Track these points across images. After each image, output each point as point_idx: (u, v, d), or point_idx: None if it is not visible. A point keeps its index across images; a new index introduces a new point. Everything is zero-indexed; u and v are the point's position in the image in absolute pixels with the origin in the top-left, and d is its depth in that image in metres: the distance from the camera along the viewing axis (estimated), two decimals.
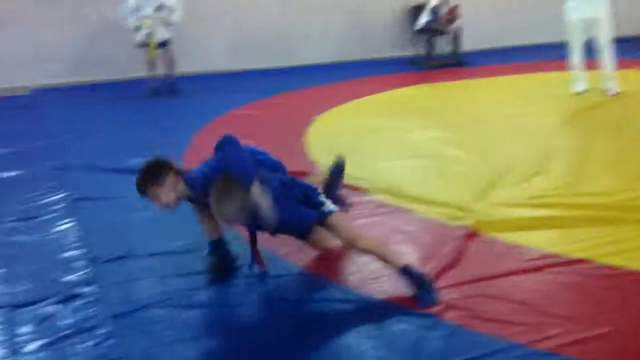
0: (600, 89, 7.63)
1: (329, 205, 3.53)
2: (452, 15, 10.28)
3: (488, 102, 7.69)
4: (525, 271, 3.65)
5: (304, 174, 5.19)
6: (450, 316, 3.19)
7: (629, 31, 10.98)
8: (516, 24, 11.64)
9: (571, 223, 4.28)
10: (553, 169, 5.32)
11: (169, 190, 3.32)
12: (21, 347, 3.00)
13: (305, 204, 3.50)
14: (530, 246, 3.93)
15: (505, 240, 4.05)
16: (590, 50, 7.61)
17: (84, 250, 3.93)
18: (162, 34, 8.39)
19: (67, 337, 3.07)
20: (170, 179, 3.34)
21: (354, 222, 4.30)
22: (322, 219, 3.48)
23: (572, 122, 6.80)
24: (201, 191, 3.31)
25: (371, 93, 8.27)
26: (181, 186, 3.38)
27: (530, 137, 6.23)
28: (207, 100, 8.09)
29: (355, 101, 7.89)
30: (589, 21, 7.45)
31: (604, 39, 7.51)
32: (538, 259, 3.76)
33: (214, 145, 3.46)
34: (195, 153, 5.90)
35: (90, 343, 3.01)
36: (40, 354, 2.95)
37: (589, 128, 6.56)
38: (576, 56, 7.69)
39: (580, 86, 7.72)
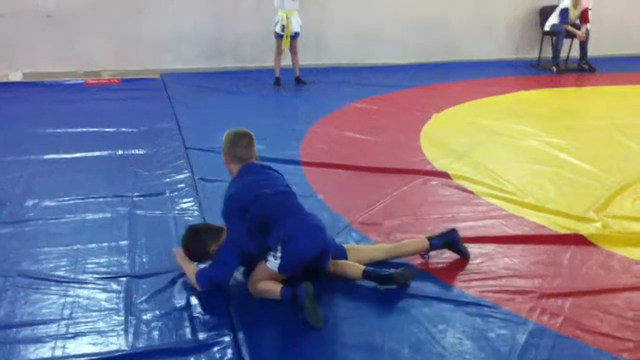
0: None
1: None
2: (583, 18, 9.91)
3: (612, 111, 7.37)
4: (637, 288, 3.54)
5: (416, 172, 5.27)
6: (558, 325, 3.15)
7: None
8: None
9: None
10: None
11: None
12: (138, 316, 3.21)
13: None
14: None
15: (622, 255, 3.93)
16: None
17: None
18: (295, 27, 8.65)
19: (182, 308, 3.27)
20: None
21: (466, 224, 4.32)
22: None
23: None
24: None
25: (492, 94, 8.13)
26: None
27: None
28: (329, 92, 8.20)
29: (475, 101, 7.78)
30: None
31: None
32: None
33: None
34: (310, 143, 6.07)
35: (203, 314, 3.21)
36: (154, 324, 3.15)
37: None
38: None
39: None
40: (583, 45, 9.98)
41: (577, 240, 4.11)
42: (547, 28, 10.15)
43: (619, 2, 10.87)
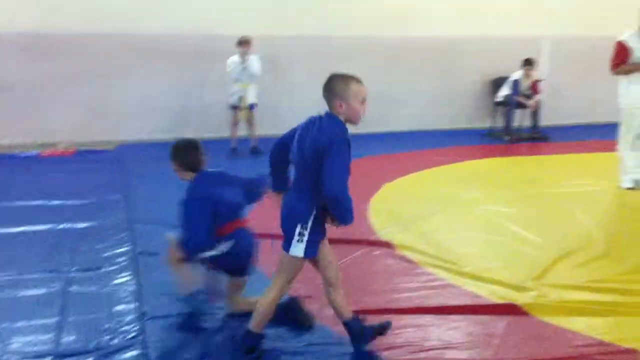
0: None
1: None
2: (534, 89, 10.20)
3: (562, 179, 7.50)
4: (570, 358, 3.53)
5: (360, 242, 5.28)
6: None
7: None
8: (600, 100, 11.40)
9: (629, 310, 4.13)
10: (619, 252, 5.16)
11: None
12: None
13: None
14: (581, 332, 3.81)
15: (556, 324, 3.94)
16: None
17: (136, 305, 4.07)
18: (252, 98, 8.82)
19: None
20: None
21: (404, 294, 4.30)
22: None
23: None
24: None
25: (444, 163, 8.25)
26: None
27: (600, 218, 6.07)
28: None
29: (427, 170, 7.89)
30: None
31: None
32: (586, 345, 3.65)
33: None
34: (258, 214, 6.05)
35: None
36: None
37: None
38: (629, 147, 7.11)
39: (629, 182, 7.11)
40: (534, 115, 10.24)
41: (512, 310, 4.12)
42: (499, 98, 10.42)
43: (573, 74, 11.20)
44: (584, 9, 11.06)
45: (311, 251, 3.36)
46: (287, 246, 3.36)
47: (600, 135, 10.31)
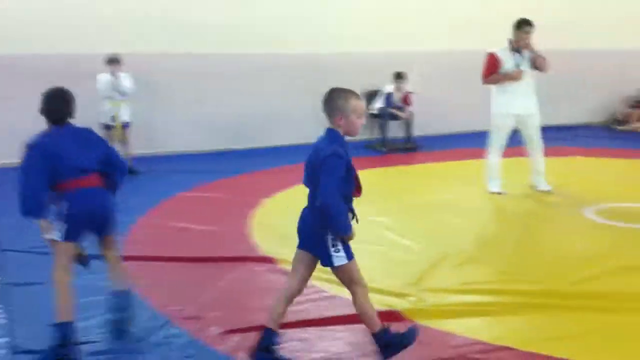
0: (530, 183, 7.58)
1: None
2: (405, 101, 10.56)
3: (435, 187, 7.82)
4: (450, 359, 3.66)
5: (243, 259, 5.25)
6: None
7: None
8: (470, 109, 11.96)
9: (502, 310, 4.33)
10: (490, 255, 5.41)
11: None
12: None
13: None
14: (459, 333, 3.95)
15: (435, 327, 4.07)
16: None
17: (5, 340, 3.85)
18: (125, 116, 8.61)
19: None
20: None
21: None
22: None
23: (513, 209, 6.92)
24: None
25: None
26: None
27: (471, 222, 6.34)
28: (161, 181, 8.10)
29: None
30: (521, 117, 7.29)
31: (537, 135, 7.41)
32: (464, 346, 3.78)
33: None
34: (134, 236, 5.89)
35: None
36: None
37: (528, 216, 6.67)
38: (498, 153, 7.46)
39: (496, 187, 7.47)
40: (407, 126, 10.59)
41: (394, 316, 4.20)
42: (374, 111, 10.70)
43: (441, 86, 11.67)
44: (448, 24, 11.57)
45: (350, 253, 3.52)
46: (329, 262, 3.49)
47: (467, 143, 10.81)
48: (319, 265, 5.02)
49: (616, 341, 3.91)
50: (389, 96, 10.48)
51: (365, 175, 8.41)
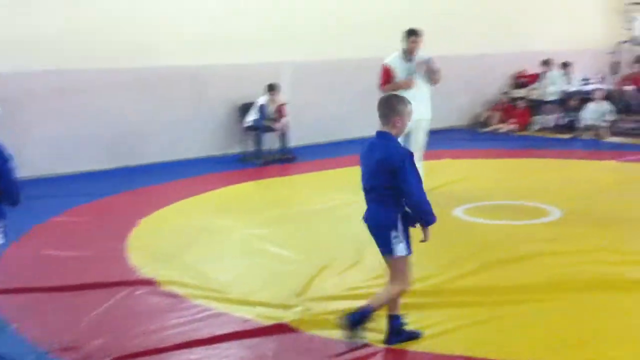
0: None
1: None
2: (280, 112, 10.63)
3: (313, 196, 7.90)
4: None
5: (122, 283, 5.08)
6: None
7: None
8: (344, 117, 12.22)
9: (383, 312, 4.41)
10: (369, 259, 5.51)
11: None
12: None
13: None
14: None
15: (323, 335, 4.11)
16: None
17: None
18: None
19: None
20: None
21: (173, 331, 4.21)
22: None
23: None
24: None
25: (200, 192, 8.24)
26: None
27: (350, 229, 6.44)
28: (28, 208, 7.62)
29: (183, 201, 7.81)
30: (414, 122, 7.57)
31: (424, 140, 7.76)
32: (351, 351, 3.84)
33: None
34: (2, 268, 5.57)
35: None
36: None
37: None
38: None
39: None
40: (283, 137, 10.65)
41: (281, 329, 4.22)
42: (248, 123, 10.69)
43: (314, 95, 11.83)
44: (321, 34, 11.75)
45: (410, 248, 3.85)
46: (389, 251, 3.83)
47: (343, 151, 11.01)
48: (196, 284, 5.00)
49: (495, 333, 4.12)
50: (262, 108, 10.50)
51: (241, 189, 8.56)
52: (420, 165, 7.74)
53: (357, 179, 8.43)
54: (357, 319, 3.81)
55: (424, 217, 3.82)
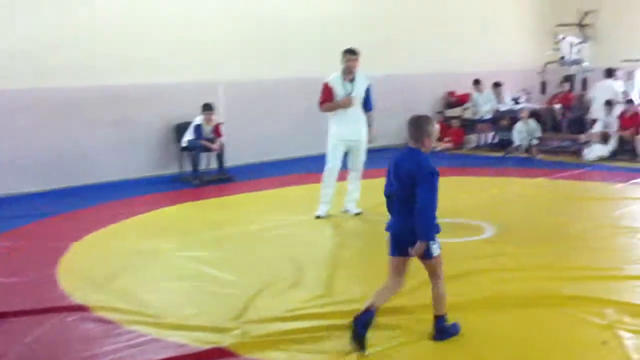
0: (342, 208, 7.86)
1: None
2: (216, 132, 10.52)
3: (251, 217, 7.79)
4: None
5: (52, 310, 4.89)
6: None
7: None
8: (281, 136, 12.21)
9: (324, 334, 4.40)
10: (309, 279, 5.50)
11: None
12: None
13: None
14: None
15: (261, 358, 4.04)
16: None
17: None
18: None
19: None
20: None
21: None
22: None
23: (328, 233, 7.13)
24: None
25: (135, 214, 8.04)
26: None
27: (288, 249, 6.41)
28: None
29: (118, 224, 7.60)
30: (350, 142, 7.65)
31: (362, 162, 7.81)
32: None
33: None
34: None
35: None
36: None
37: (341, 238, 6.89)
38: (332, 178, 7.70)
39: (322, 211, 7.71)
40: (220, 157, 10.54)
41: (218, 353, 4.13)
42: (184, 144, 10.54)
43: (249, 115, 11.78)
44: (256, 54, 11.74)
45: (440, 247, 4.23)
46: (428, 254, 4.14)
47: (280, 171, 10.99)
48: (130, 309, 4.84)
49: (433, 351, 4.14)
50: (198, 128, 10.38)
51: (178, 210, 8.41)
52: (358, 184, 7.85)
53: (293, 198, 8.48)
54: (363, 327, 4.05)
55: (424, 227, 4.09)
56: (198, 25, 11.07)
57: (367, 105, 7.74)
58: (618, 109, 12.24)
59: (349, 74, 7.57)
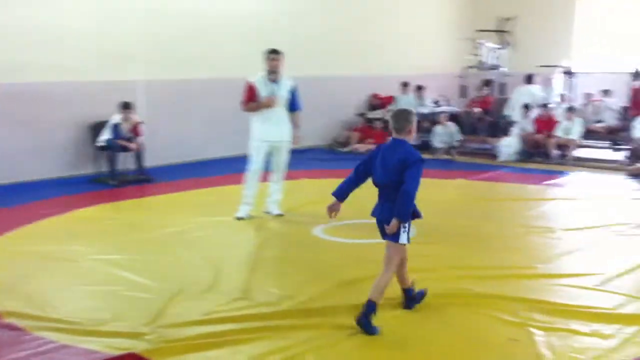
0: (264, 209, 7.83)
1: None
2: (135, 132, 10.27)
3: (169, 219, 7.61)
4: None
5: None
6: None
7: None
8: (203, 138, 12.04)
9: (242, 337, 4.34)
10: (227, 282, 5.41)
11: None
12: None
13: None
14: None
15: None
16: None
17: None
18: None
19: None
20: None
21: None
22: None
23: (248, 235, 7.03)
24: None
25: (47, 216, 7.73)
26: None
27: (208, 252, 6.30)
28: None
29: (26, 227, 7.28)
30: (274, 143, 7.61)
31: (284, 163, 7.76)
32: None
33: None
34: None
35: None
36: None
37: (261, 240, 6.80)
38: (255, 179, 7.68)
39: (243, 212, 7.68)
40: (138, 157, 10.29)
41: (131, 359, 4.00)
42: (101, 143, 10.25)
43: (169, 115, 11.58)
44: (174, 54, 11.54)
45: (409, 239, 4.51)
46: (395, 238, 4.47)
47: (200, 172, 10.83)
48: (39, 315, 4.64)
49: (348, 353, 4.14)
50: (116, 127, 10.11)
51: (93, 212, 8.14)
52: (280, 185, 7.80)
53: (214, 200, 8.35)
54: (367, 317, 4.34)
55: (403, 208, 4.39)
56: (114, 23, 10.78)
57: (293, 105, 7.70)
58: (535, 113, 12.65)
59: (272, 74, 7.51)
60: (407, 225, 4.45)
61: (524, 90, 13.50)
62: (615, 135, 12.59)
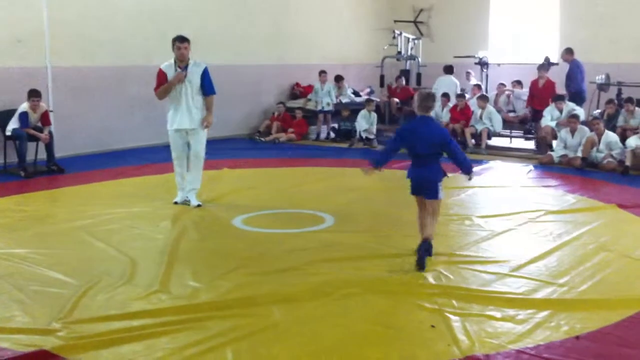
0: (182, 199, 7.70)
1: None
2: (44, 121, 9.87)
3: (81, 211, 7.32)
4: None
5: None
6: None
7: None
8: (117, 127, 11.69)
9: (158, 330, 4.24)
10: (143, 275, 5.27)
11: None
12: None
13: None
14: None
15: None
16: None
17: None
18: None
19: None
20: None
21: None
22: None
23: (164, 227, 6.85)
24: None
25: None
26: None
27: (123, 244, 6.11)
28: None
29: None
30: (188, 131, 7.51)
31: (201, 151, 7.65)
32: None
33: None
34: None
35: None
36: None
37: (179, 232, 6.63)
38: (179, 166, 7.69)
39: (179, 198, 7.71)
40: (49, 147, 9.90)
41: (43, 356, 3.85)
42: (8, 132, 9.80)
43: (80, 103, 11.19)
44: (81, 43, 11.13)
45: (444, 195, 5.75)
46: (435, 195, 5.59)
47: (113, 162, 10.50)
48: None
49: (262, 344, 4.08)
50: (24, 115, 9.68)
51: (1, 204, 7.74)
52: (198, 174, 7.66)
53: (129, 190, 8.10)
54: (429, 251, 5.51)
55: (468, 166, 5.66)
56: (23, 9, 10.33)
57: (206, 89, 7.57)
58: (452, 103, 12.90)
59: (181, 61, 7.42)
60: (441, 184, 5.57)
61: (445, 80, 13.75)
62: (526, 125, 12.98)
